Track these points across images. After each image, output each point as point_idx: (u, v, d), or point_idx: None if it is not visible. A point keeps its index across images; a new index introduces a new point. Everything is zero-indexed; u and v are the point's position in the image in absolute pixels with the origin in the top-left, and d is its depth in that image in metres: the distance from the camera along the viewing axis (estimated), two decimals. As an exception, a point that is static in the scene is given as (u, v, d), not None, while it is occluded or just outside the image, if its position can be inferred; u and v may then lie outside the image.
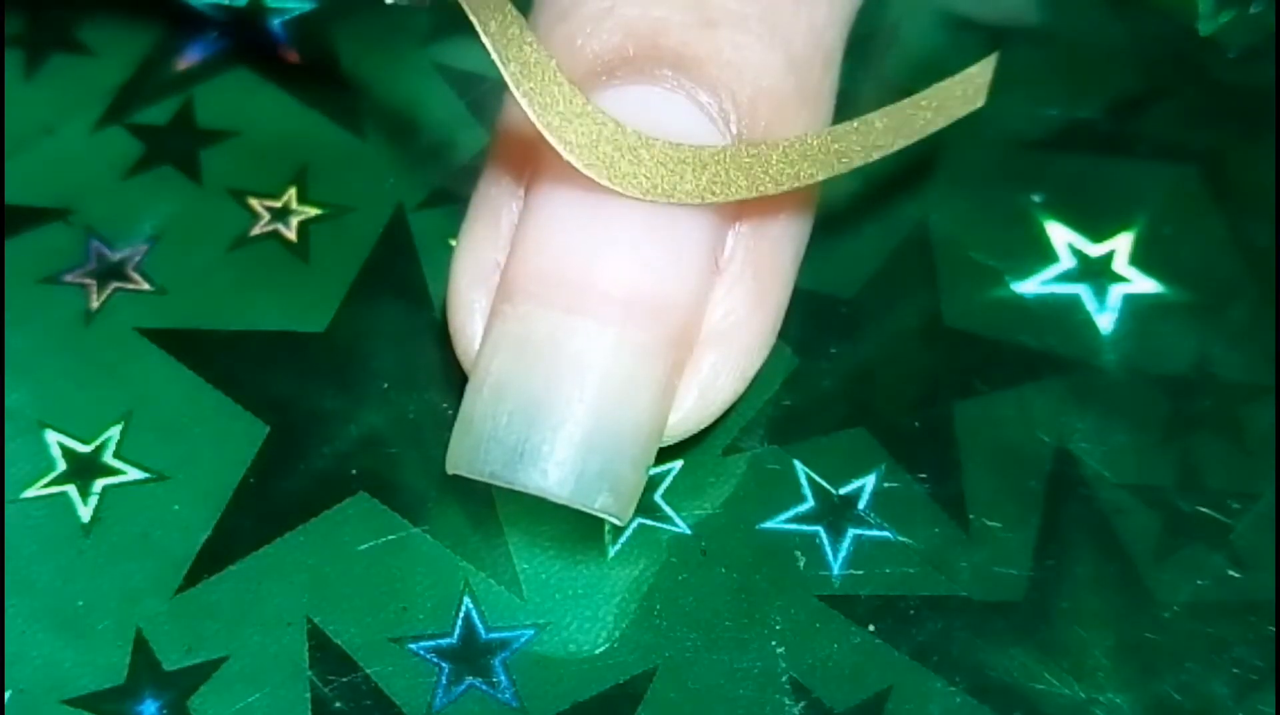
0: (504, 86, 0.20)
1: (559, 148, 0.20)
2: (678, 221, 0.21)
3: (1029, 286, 0.24)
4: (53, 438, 0.23)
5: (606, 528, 0.22)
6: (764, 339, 0.22)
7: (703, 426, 0.22)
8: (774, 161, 0.21)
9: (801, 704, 0.20)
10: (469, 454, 0.20)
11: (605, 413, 0.20)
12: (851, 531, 0.22)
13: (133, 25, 0.28)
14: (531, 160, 0.21)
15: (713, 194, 0.20)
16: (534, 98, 0.20)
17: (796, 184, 0.21)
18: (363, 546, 0.22)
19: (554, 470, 0.20)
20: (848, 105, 0.23)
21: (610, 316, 0.20)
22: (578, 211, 0.21)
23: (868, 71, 0.23)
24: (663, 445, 0.21)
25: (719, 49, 0.21)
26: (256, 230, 0.25)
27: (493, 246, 0.21)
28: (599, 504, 0.20)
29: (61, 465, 0.23)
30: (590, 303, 0.20)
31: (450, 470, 0.21)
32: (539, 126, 0.20)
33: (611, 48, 0.21)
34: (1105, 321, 0.24)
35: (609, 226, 0.20)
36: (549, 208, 0.21)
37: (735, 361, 0.21)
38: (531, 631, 0.21)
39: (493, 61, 0.20)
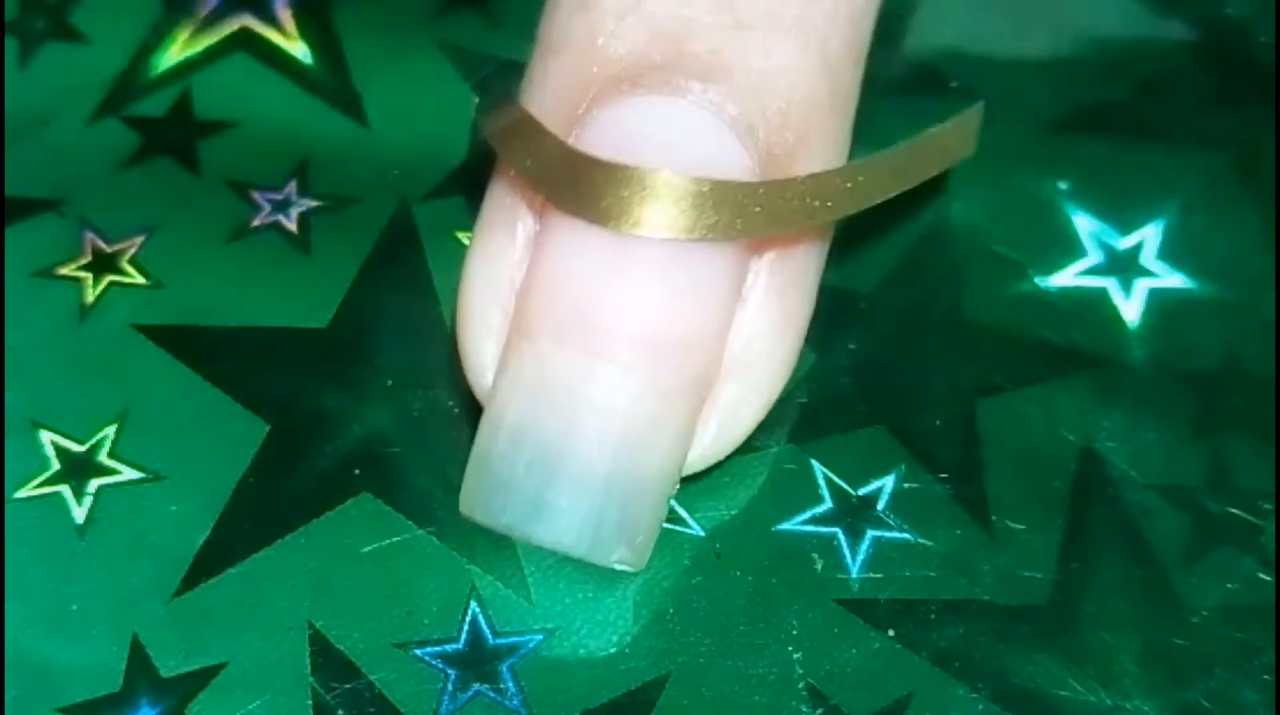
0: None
1: (564, 206, 0.20)
2: (700, 255, 0.20)
3: (1054, 280, 0.24)
4: (46, 437, 0.22)
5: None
6: (787, 367, 0.21)
7: (723, 456, 0.21)
8: (793, 197, 0.20)
9: (819, 711, 0.20)
10: (485, 502, 0.20)
11: (625, 460, 0.20)
12: (870, 533, 0.22)
13: (129, 11, 0.27)
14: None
15: (735, 229, 0.20)
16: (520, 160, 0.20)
17: (812, 222, 0.20)
18: (366, 549, 0.21)
19: (570, 528, 0.20)
20: (866, 94, 0.23)
21: (632, 361, 0.20)
22: (597, 244, 0.20)
23: (887, 59, 0.23)
24: (685, 475, 0.21)
25: (748, 57, 0.20)
26: (256, 222, 0.25)
27: (507, 262, 0.21)
28: (615, 557, 0.20)
29: (55, 465, 0.22)
30: (611, 346, 0.20)
31: (464, 512, 0.21)
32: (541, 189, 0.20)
33: (636, 50, 0.20)
34: (1132, 316, 0.24)
35: (630, 262, 0.20)
36: (567, 237, 0.20)
37: (756, 392, 0.21)
38: (540, 636, 0.21)
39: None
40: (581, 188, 0.20)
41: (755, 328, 0.21)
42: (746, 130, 0.20)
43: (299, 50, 0.27)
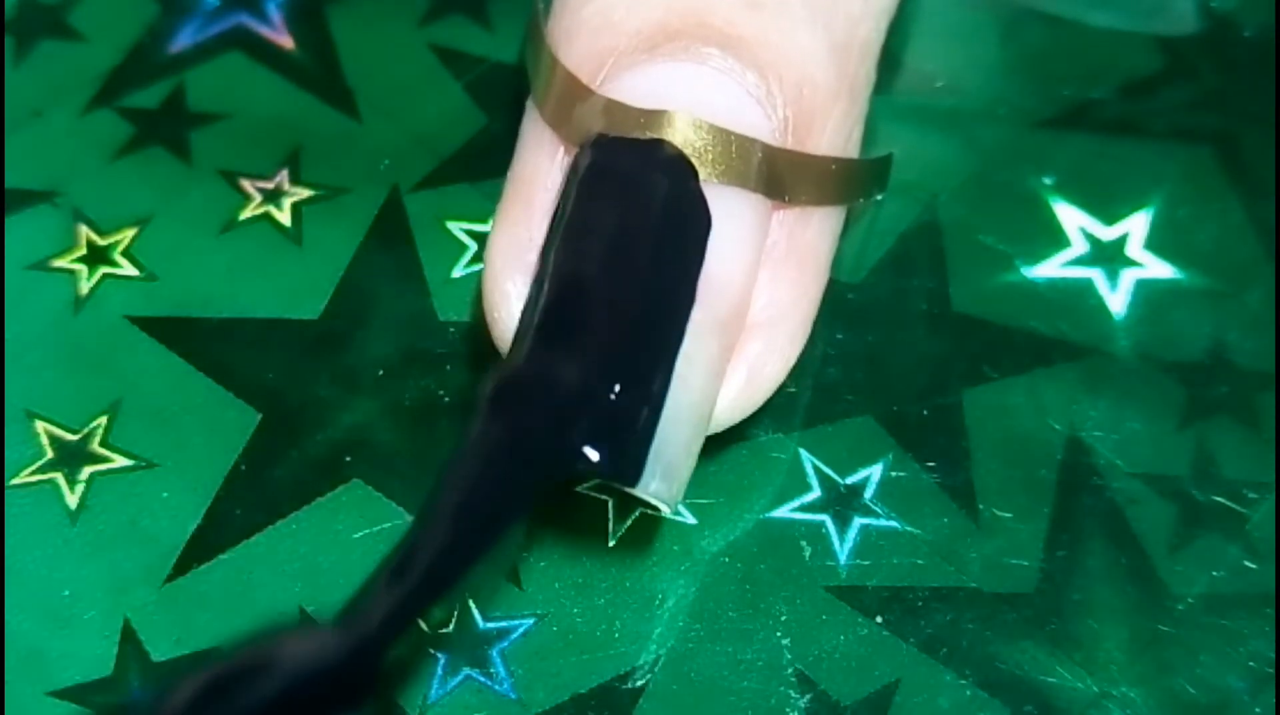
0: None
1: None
2: (727, 201, 0.20)
3: (1040, 271, 0.24)
4: (40, 426, 0.23)
5: (610, 516, 0.22)
6: (805, 328, 0.21)
7: (748, 413, 0.21)
8: (809, 171, 0.21)
9: (807, 697, 0.20)
10: None
11: None
12: (858, 521, 0.22)
13: (124, 11, 0.27)
14: (566, 140, 0.21)
15: (756, 183, 0.20)
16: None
17: (827, 200, 0.21)
18: (357, 535, 0.21)
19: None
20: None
21: None
22: None
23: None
24: (710, 433, 0.21)
25: (764, 31, 0.21)
26: (248, 213, 0.25)
27: (526, 224, 0.21)
28: (652, 489, 0.19)
29: (49, 453, 0.22)
30: None
31: None
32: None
33: (654, 22, 0.21)
34: (1118, 306, 0.24)
35: None
36: None
37: (780, 349, 0.21)
38: (530, 621, 0.21)
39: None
40: (612, 131, 0.20)
41: (775, 289, 0.21)
42: (766, 97, 0.20)
43: (292, 50, 0.27)
